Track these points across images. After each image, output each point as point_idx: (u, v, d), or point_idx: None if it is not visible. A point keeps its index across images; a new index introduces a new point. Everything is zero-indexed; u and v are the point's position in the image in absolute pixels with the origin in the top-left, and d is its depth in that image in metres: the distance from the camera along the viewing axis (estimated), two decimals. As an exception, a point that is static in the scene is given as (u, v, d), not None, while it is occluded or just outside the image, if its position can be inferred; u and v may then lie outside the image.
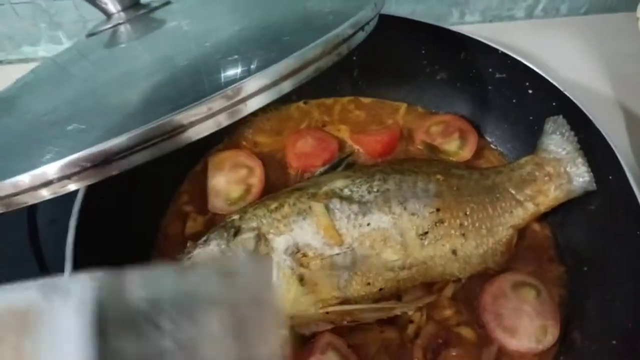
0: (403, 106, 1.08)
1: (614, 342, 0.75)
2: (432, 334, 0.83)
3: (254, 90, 0.61)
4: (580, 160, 0.89)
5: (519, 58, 0.93)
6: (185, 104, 0.58)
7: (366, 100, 1.10)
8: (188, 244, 0.84)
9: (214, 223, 0.90)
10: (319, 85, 1.09)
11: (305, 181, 0.91)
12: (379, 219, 0.82)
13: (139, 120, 0.59)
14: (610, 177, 0.84)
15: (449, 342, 0.82)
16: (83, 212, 0.77)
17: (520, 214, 0.89)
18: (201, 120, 0.60)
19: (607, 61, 1.30)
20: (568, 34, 1.36)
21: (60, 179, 0.57)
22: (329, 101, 1.09)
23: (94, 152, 0.57)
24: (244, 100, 0.61)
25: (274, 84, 0.63)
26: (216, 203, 0.93)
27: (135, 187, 0.88)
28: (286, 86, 0.64)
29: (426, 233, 0.82)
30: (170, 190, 0.98)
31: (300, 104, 1.09)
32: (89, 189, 0.78)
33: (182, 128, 0.59)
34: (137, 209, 0.90)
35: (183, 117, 0.58)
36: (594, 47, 1.32)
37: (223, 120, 0.62)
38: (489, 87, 1.00)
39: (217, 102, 0.59)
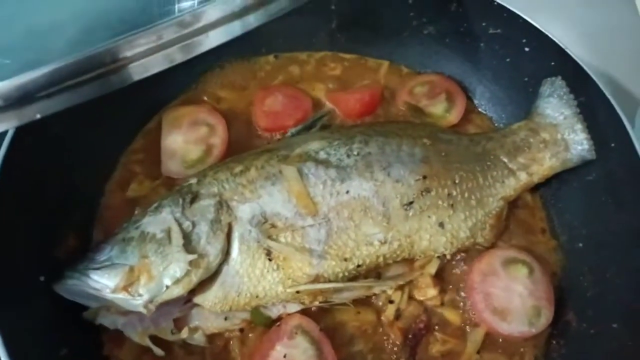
0: (385, 64, 0.97)
1: (615, 325, 0.68)
2: (414, 316, 0.74)
3: (215, 19, 0.49)
4: (579, 126, 0.81)
5: (517, 11, 0.83)
6: (129, 31, 0.47)
7: (345, 56, 0.98)
8: (136, 211, 0.72)
9: (168, 189, 0.78)
10: (292, 38, 0.96)
11: (275, 142, 0.80)
12: (359, 186, 0.72)
13: (69, 49, 0.47)
14: (613, 145, 0.77)
15: (432, 324, 0.74)
16: (8, 165, 0.64)
17: (512, 184, 0.80)
18: (149, 53, 0.48)
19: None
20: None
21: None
22: (303, 56, 0.97)
23: (7, 87, 0.45)
24: (203, 31, 0.49)
25: (239, 14, 0.51)
26: (171, 165, 0.80)
27: (76, 142, 0.76)
28: (253, 20, 0.53)
29: (411, 203, 0.73)
30: (118, 149, 0.85)
31: (271, 57, 0.96)
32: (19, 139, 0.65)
33: (124, 61, 0.48)
34: (80, 167, 0.78)
35: (125, 46, 0.46)
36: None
37: (177, 55, 0.50)
38: (481, 44, 0.90)
39: (169, 30, 0.47)
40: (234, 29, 0.52)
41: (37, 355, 0.58)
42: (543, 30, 0.82)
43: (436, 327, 0.74)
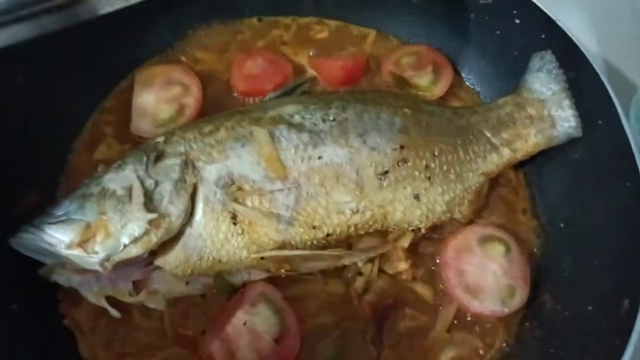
0: (372, 33, 0.94)
1: (590, 307, 0.65)
2: (383, 290, 0.72)
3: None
4: (567, 102, 0.78)
5: (508, -21, 0.80)
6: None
7: (330, 22, 0.95)
8: (99, 168, 0.69)
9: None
10: (277, 1, 0.93)
11: (250, 105, 0.77)
12: (333, 152, 0.69)
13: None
14: (600, 122, 0.74)
15: (402, 301, 0.71)
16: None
17: (495, 160, 0.77)
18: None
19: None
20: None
21: None
22: (287, 20, 0.94)
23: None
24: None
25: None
26: (141, 124, 0.78)
27: (44, 94, 0.73)
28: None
29: (386, 172, 0.70)
30: (89, 107, 0.82)
31: (254, 20, 0.93)
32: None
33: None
34: (46, 122, 0.75)
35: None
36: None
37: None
38: (471, 15, 0.87)
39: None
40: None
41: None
42: (535, 1, 0.79)
43: (406, 303, 0.72)
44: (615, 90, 1.10)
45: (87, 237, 0.61)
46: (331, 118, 0.71)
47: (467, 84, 0.91)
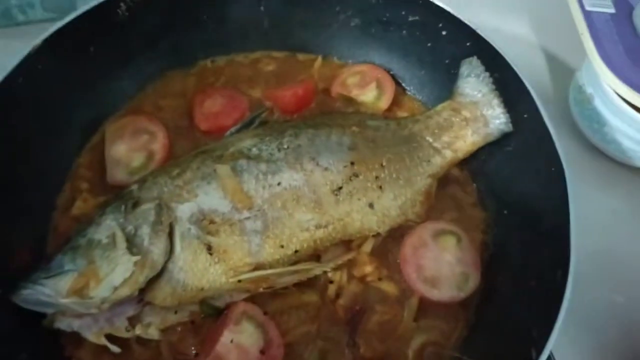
0: (318, 59, 1.02)
1: (533, 282, 0.74)
2: (354, 294, 0.80)
3: None
4: (495, 101, 0.87)
5: (430, -2, 0.89)
6: None
7: (279, 54, 1.03)
8: (82, 220, 0.77)
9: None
10: (227, 41, 1.01)
11: (211, 143, 0.85)
12: (290, 177, 0.77)
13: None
14: (526, 116, 0.83)
15: (371, 299, 0.79)
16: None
17: (439, 162, 0.86)
18: None
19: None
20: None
21: None
22: (239, 57, 1.02)
23: None
24: None
25: None
26: (116, 174, 0.85)
27: (26, 160, 0.80)
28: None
29: (340, 188, 0.78)
30: (66, 166, 0.89)
31: (208, 62, 1.01)
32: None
33: None
34: (30, 185, 0.81)
35: None
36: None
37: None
38: (404, 32, 0.95)
39: None
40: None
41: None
42: (454, 14, 0.88)
43: (376, 301, 0.79)
44: (553, 76, 1.21)
45: (81, 285, 0.68)
46: (285, 146, 0.79)
47: (409, 94, 1.00)
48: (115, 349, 0.72)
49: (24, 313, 0.70)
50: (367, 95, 0.96)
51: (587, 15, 0.98)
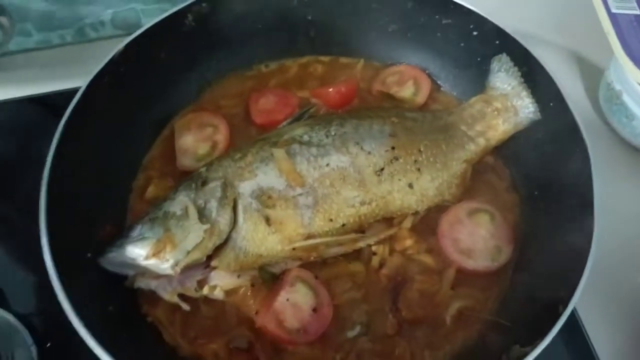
0: (360, 62, 1.13)
1: (560, 252, 0.80)
2: (396, 265, 0.88)
3: None
4: (524, 92, 0.95)
5: (460, 2, 0.98)
6: None
7: (324, 59, 1.14)
8: (153, 203, 0.88)
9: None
10: (278, 49, 1.12)
11: (267, 133, 0.96)
12: (337, 159, 0.86)
13: None
14: (552, 105, 0.90)
15: (412, 270, 0.87)
16: (55, 174, 0.80)
17: (473, 149, 0.94)
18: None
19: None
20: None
21: None
22: (289, 62, 1.13)
23: None
24: None
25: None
26: (184, 161, 0.97)
27: (107, 149, 0.92)
28: None
29: (382, 169, 0.87)
30: (140, 156, 1.01)
31: (262, 67, 1.12)
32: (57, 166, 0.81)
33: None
34: (112, 172, 0.94)
35: None
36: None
37: None
38: (438, 34, 1.05)
39: None
40: None
41: (92, 309, 0.73)
42: (484, 15, 0.97)
43: (416, 271, 0.87)
44: (583, 77, 1.27)
45: (159, 249, 0.79)
46: (332, 133, 0.89)
47: (444, 90, 1.09)
48: (185, 306, 0.82)
49: (110, 274, 0.81)
50: (405, 92, 1.05)
51: (613, 17, 1.06)
